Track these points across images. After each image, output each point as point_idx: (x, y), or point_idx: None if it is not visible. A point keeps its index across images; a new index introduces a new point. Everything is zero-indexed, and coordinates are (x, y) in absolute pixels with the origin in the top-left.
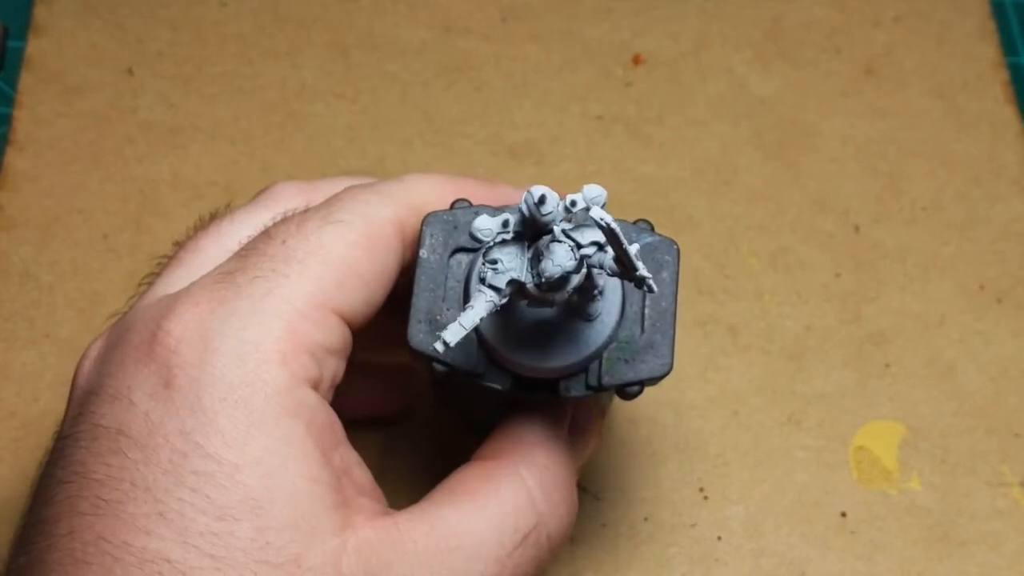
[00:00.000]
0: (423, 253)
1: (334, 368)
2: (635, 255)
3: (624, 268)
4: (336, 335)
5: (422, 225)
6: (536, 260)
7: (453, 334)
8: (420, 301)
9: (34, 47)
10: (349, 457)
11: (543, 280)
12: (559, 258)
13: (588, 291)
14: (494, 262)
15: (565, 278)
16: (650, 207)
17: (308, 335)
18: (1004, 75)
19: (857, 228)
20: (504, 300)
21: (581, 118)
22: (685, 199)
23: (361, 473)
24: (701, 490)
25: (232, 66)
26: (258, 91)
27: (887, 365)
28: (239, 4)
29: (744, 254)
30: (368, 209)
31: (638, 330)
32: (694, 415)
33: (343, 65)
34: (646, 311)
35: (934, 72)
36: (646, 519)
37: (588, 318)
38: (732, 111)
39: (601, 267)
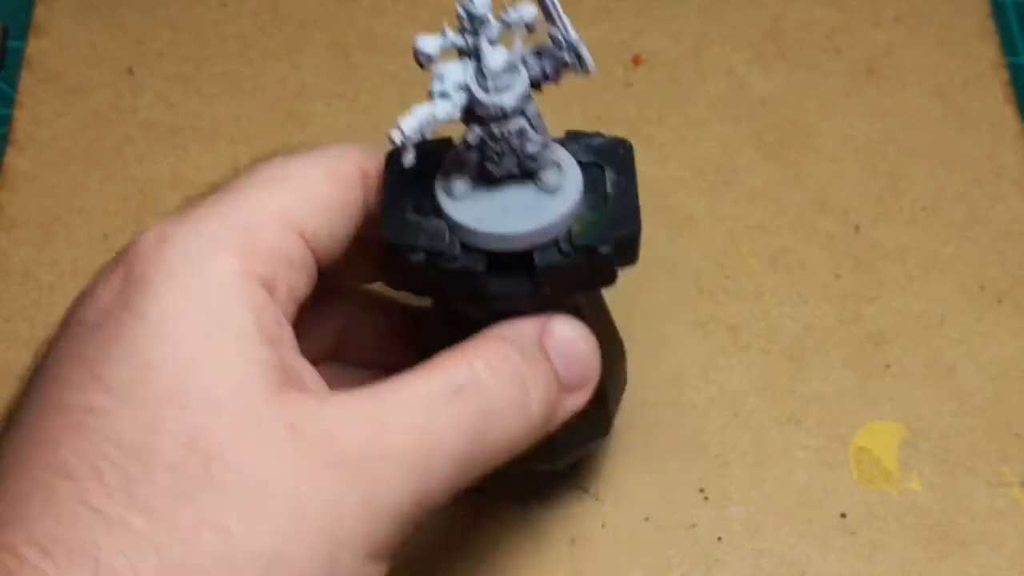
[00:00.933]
0: (393, 163)
1: (291, 279)
2: (565, 20)
3: (556, 38)
4: (294, 248)
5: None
6: (480, 71)
7: (407, 123)
8: (391, 200)
9: (34, 47)
10: (298, 362)
11: (489, 80)
12: (500, 53)
13: (536, 127)
14: (440, 76)
15: (510, 75)
16: (650, 207)
17: (263, 239)
18: (1004, 75)
19: (857, 228)
20: (456, 108)
21: (581, 118)
22: (685, 199)
23: (314, 381)
24: (701, 490)
25: (232, 66)
26: (258, 91)
27: (887, 365)
28: (239, 4)
29: (744, 254)
30: (332, 150)
31: (603, 206)
32: (694, 415)
33: (343, 65)
34: (609, 192)
35: (934, 72)
36: (646, 519)
37: (549, 188)
38: (732, 111)
39: (544, 75)
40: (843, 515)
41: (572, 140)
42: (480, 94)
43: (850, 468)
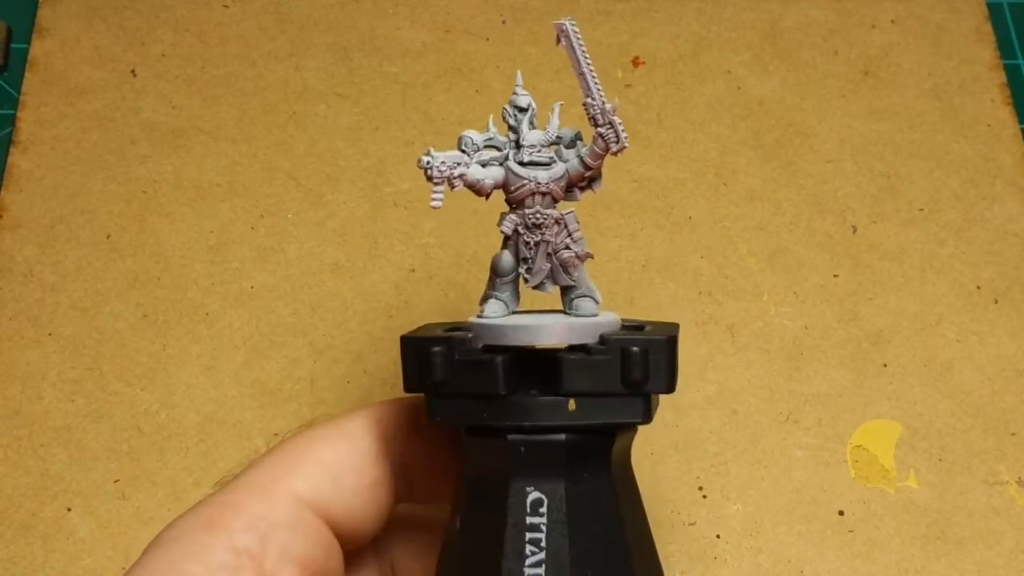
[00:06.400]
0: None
1: (286, 542)
2: (601, 92)
3: (590, 109)
4: (286, 514)
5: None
6: (518, 147)
7: (437, 153)
8: (417, 330)
9: (38, 48)
10: None
11: (525, 152)
12: (537, 131)
13: (572, 234)
14: (481, 151)
15: (547, 153)
16: (649, 207)
17: (243, 511)
18: (1000, 77)
19: (855, 229)
20: (489, 176)
21: (581, 120)
22: (684, 200)
23: None
24: (700, 489)
25: (234, 67)
26: (260, 92)
27: (885, 365)
28: (241, 6)
29: (743, 254)
30: (346, 424)
31: (638, 332)
32: (693, 414)
33: (345, 66)
34: (646, 329)
35: (931, 74)
36: None
37: (584, 315)
38: (730, 112)
39: (584, 166)
40: (841, 513)
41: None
42: (515, 165)
43: (848, 466)
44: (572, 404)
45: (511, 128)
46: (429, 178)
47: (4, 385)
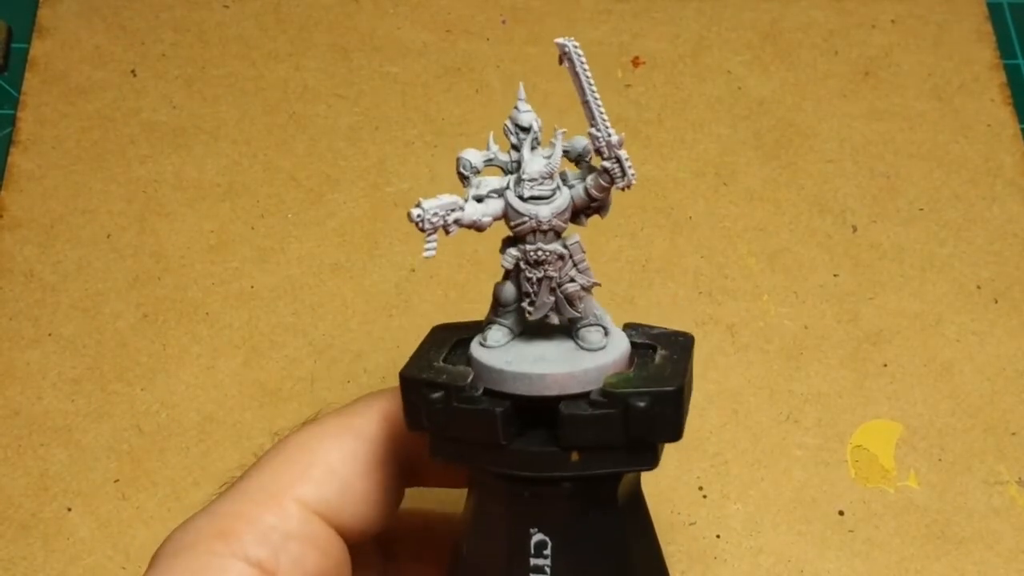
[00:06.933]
0: (434, 332)
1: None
2: (607, 123)
3: (596, 140)
4: (295, 524)
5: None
6: (519, 180)
7: (429, 202)
8: (422, 351)
9: (38, 48)
10: None
11: (526, 187)
12: (540, 160)
13: (578, 265)
14: (478, 184)
15: (549, 185)
16: (649, 207)
17: (252, 521)
18: (1000, 77)
19: (855, 229)
20: (486, 214)
21: (581, 120)
22: (684, 200)
23: None
24: (700, 488)
25: (235, 68)
26: (260, 92)
27: (885, 365)
28: (242, 6)
29: (743, 254)
30: (352, 417)
31: (647, 369)
32: (693, 414)
33: (345, 67)
34: (656, 362)
35: (931, 74)
36: None
37: (590, 347)
38: (731, 112)
39: (588, 198)
40: (841, 513)
41: (630, 327)
42: (515, 200)
43: (848, 466)
44: (575, 456)
45: (513, 147)
46: (422, 230)
47: (4, 385)
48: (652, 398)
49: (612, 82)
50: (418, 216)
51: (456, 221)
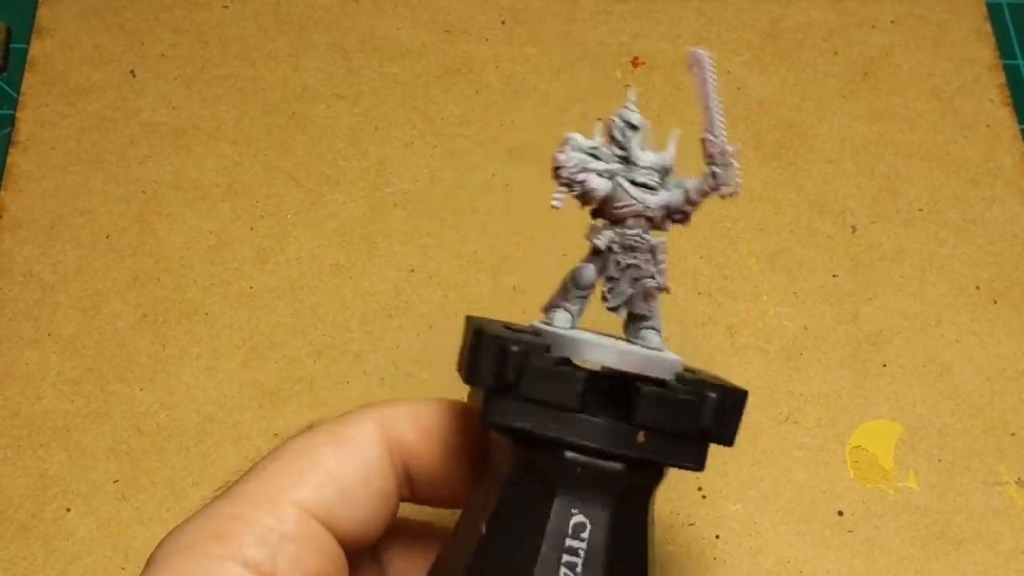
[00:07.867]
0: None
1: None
2: (723, 129)
3: (709, 145)
4: (292, 526)
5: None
6: (628, 168)
7: (573, 152)
8: (476, 320)
9: (38, 49)
10: None
11: (638, 173)
12: (652, 154)
13: (661, 264)
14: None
15: (660, 176)
16: None
17: (256, 520)
18: (1000, 77)
19: (854, 229)
20: (601, 186)
21: (581, 120)
22: None
23: None
24: (699, 489)
25: (234, 68)
26: (260, 93)
27: (884, 365)
28: (241, 6)
29: (742, 254)
30: (354, 427)
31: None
32: None
33: (344, 67)
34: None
35: (931, 74)
36: None
37: (651, 347)
38: (730, 112)
39: (687, 201)
40: (840, 513)
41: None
42: (626, 183)
43: (847, 467)
44: (642, 435)
45: (617, 143)
46: (557, 177)
47: (4, 385)
48: (726, 394)
49: (612, 82)
50: (563, 160)
51: (582, 183)
